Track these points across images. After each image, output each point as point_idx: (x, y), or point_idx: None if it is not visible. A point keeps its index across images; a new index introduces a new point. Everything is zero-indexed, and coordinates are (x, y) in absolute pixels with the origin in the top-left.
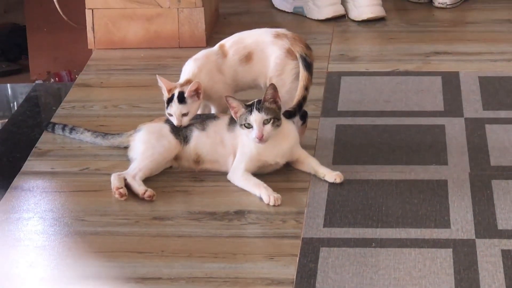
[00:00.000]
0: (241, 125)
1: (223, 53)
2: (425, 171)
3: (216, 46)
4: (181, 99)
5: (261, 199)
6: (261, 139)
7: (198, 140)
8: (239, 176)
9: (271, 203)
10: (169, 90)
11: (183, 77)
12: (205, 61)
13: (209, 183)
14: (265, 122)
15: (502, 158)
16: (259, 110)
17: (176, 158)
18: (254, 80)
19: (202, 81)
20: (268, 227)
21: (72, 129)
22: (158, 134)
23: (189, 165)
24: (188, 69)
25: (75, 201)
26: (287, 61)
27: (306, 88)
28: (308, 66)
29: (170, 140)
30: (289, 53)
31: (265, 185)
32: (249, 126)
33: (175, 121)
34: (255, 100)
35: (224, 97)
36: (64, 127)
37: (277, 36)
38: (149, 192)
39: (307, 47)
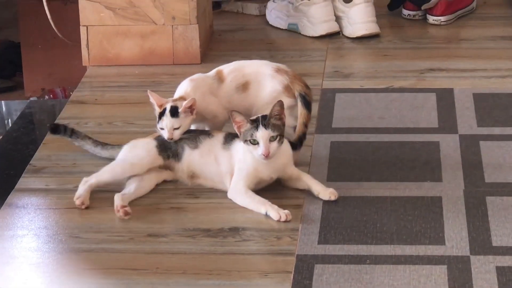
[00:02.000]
0: (245, 140)
1: (220, 78)
2: (420, 187)
3: (213, 71)
4: (174, 113)
5: (267, 216)
6: (268, 156)
7: (191, 157)
8: (242, 194)
9: (283, 219)
10: (160, 106)
11: (177, 95)
12: (200, 82)
13: (203, 200)
14: (271, 139)
15: (497, 174)
16: (265, 126)
17: (171, 172)
18: (247, 110)
19: (196, 100)
20: (263, 244)
21: (73, 133)
22: (139, 147)
23: (184, 180)
24: (183, 88)
25: (70, 218)
26: (282, 96)
27: (306, 125)
28: (307, 105)
29: (150, 153)
30: (287, 89)
31: (269, 202)
32: (254, 143)
33: (166, 135)
34: (259, 115)
35: (230, 112)
36: (65, 129)
37: (278, 70)
38: (79, 201)
39: (307, 86)
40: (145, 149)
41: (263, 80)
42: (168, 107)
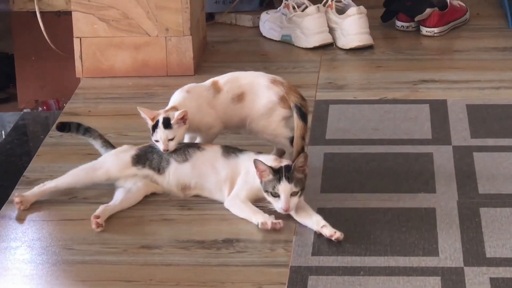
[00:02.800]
0: (266, 191)
1: (215, 89)
2: (413, 199)
3: (208, 82)
4: (167, 124)
5: (258, 225)
6: (287, 211)
7: (180, 171)
8: (239, 203)
9: (268, 227)
10: (153, 118)
11: (170, 104)
12: (195, 93)
13: (197, 212)
14: (293, 194)
15: (490, 186)
16: (288, 179)
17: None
18: (242, 120)
19: (191, 111)
20: (257, 256)
21: (86, 130)
22: (114, 155)
23: (175, 193)
24: (177, 98)
25: (63, 230)
26: (277, 107)
27: (303, 138)
28: (303, 116)
29: (121, 162)
30: (282, 100)
31: (262, 213)
32: (275, 195)
33: (161, 146)
34: (283, 165)
35: (253, 160)
36: (78, 126)
37: (274, 82)
38: (19, 199)
39: (302, 98)
40: (118, 158)
41: (258, 91)
42: (160, 119)
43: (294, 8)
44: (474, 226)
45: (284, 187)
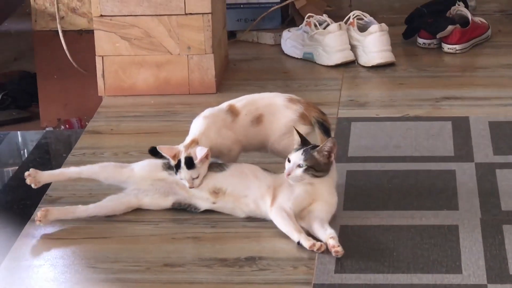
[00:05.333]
0: (287, 157)
1: (233, 113)
2: (436, 216)
3: (224, 105)
4: (190, 164)
5: (299, 245)
6: (287, 176)
7: (214, 177)
8: (285, 215)
9: (315, 249)
10: (174, 156)
11: (191, 135)
12: (214, 118)
13: (220, 229)
14: (299, 166)
15: None
16: (303, 153)
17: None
18: (262, 142)
19: (211, 138)
20: (279, 273)
21: None
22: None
23: (200, 200)
24: (197, 127)
25: (86, 248)
26: (297, 124)
27: None
28: (326, 131)
29: (151, 163)
30: (302, 118)
31: (304, 233)
32: (289, 161)
33: (186, 184)
34: (313, 144)
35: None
36: None
37: (291, 100)
38: (27, 172)
39: (322, 113)
40: (150, 161)
41: (277, 111)
42: (182, 159)
43: (316, 25)
44: (497, 243)
45: (295, 156)
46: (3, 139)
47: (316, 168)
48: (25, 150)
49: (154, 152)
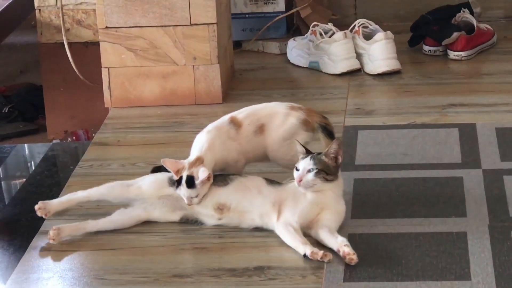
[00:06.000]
0: (294, 167)
1: (236, 124)
2: (444, 223)
3: (226, 118)
4: (190, 184)
5: (305, 256)
6: (298, 183)
7: (218, 192)
8: (292, 230)
9: (318, 257)
10: (177, 171)
11: (194, 151)
12: (217, 132)
13: (227, 240)
14: (309, 170)
15: None
16: (311, 158)
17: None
18: (266, 153)
19: (216, 152)
20: (288, 283)
21: None
22: (151, 175)
23: (205, 216)
24: (201, 142)
25: (95, 259)
26: (300, 130)
27: None
28: (330, 134)
29: (157, 179)
30: (304, 123)
31: (310, 244)
32: (297, 169)
33: (185, 201)
34: (318, 152)
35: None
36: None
37: (292, 108)
38: (39, 207)
39: (324, 117)
40: (156, 177)
41: (278, 119)
42: (184, 176)
43: (321, 34)
44: (506, 249)
45: (303, 163)
46: (10, 152)
47: (326, 171)
48: (32, 163)
49: (156, 171)
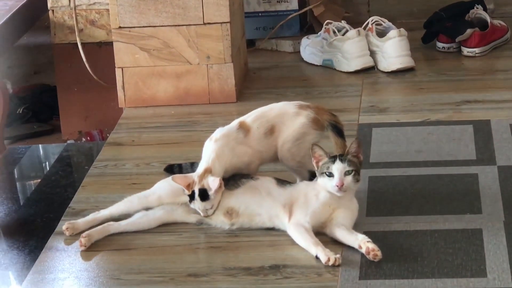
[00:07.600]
0: (322, 173)
1: (245, 129)
2: (459, 220)
3: (235, 123)
4: (204, 197)
5: (317, 258)
6: (341, 187)
7: (229, 196)
8: (303, 231)
9: (331, 263)
10: (188, 186)
11: (203, 161)
12: (225, 139)
13: (243, 238)
14: (346, 173)
15: None
16: (342, 160)
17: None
18: (276, 153)
19: (225, 160)
20: (304, 281)
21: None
22: (167, 181)
23: (218, 221)
24: (209, 152)
25: (110, 259)
26: (310, 130)
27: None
28: (340, 132)
29: (172, 187)
30: (314, 122)
31: (322, 245)
32: (330, 175)
33: (201, 214)
34: (337, 154)
35: (311, 146)
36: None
37: (301, 107)
38: (66, 226)
39: (333, 114)
40: (171, 185)
41: (288, 119)
42: (196, 191)
43: (334, 32)
44: None
45: (338, 166)
46: (25, 153)
47: (357, 171)
48: (47, 163)
49: (169, 170)
